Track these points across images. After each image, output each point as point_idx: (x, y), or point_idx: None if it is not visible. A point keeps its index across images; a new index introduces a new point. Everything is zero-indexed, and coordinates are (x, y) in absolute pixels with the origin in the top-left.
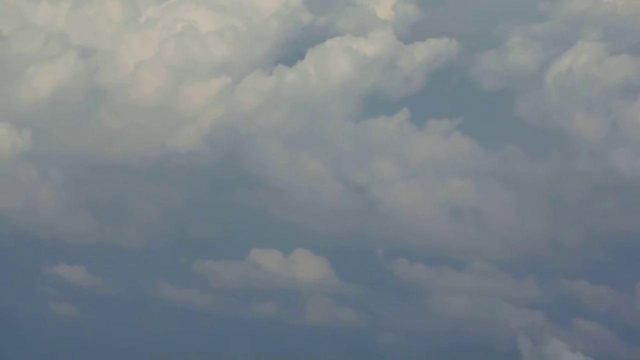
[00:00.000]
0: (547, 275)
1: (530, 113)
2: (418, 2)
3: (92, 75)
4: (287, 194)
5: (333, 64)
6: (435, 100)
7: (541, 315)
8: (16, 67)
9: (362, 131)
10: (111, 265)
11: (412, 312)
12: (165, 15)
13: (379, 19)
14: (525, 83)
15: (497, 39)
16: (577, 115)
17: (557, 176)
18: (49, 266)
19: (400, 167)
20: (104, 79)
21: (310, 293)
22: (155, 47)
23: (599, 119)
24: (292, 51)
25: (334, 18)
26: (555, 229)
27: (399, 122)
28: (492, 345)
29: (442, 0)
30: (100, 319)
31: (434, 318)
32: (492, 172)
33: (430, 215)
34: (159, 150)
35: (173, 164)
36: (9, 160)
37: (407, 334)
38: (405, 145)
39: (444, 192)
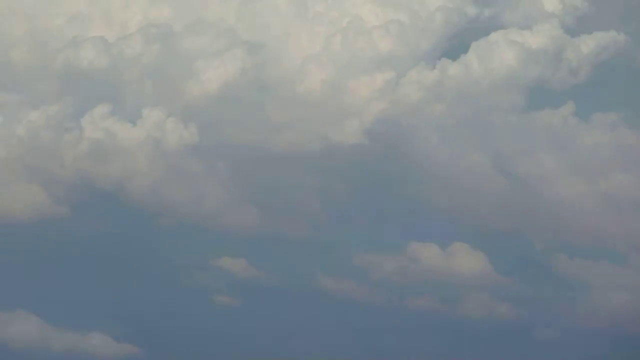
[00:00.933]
0: None
1: None
2: None
3: (260, 69)
4: (448, 188)
5: (497, 57)
6: (601, 93)
7: None
8: (185, 62)
9: (525, 124)
10: (273, 257)
11: (571, 308)
12: (332, 10)
13: (545, 11)
14: None
15: None
16: None
17: None
18: (214, 259)
19: (563, 161)
20: (271, 74)
21: (467, 287)
22: (321, 42)
23: None
24: (456, 44)
25: (499, 11)
26: None
27: (563, 115)
28: None
29: None
30: (261, 310)
31: (594, 314)
32: None
33: (592, 209)
34: (322, 142)
35: (335, 157)
36: (176, 153)
37: (566, 330)
38: (569, 138)
39: (607, 187)
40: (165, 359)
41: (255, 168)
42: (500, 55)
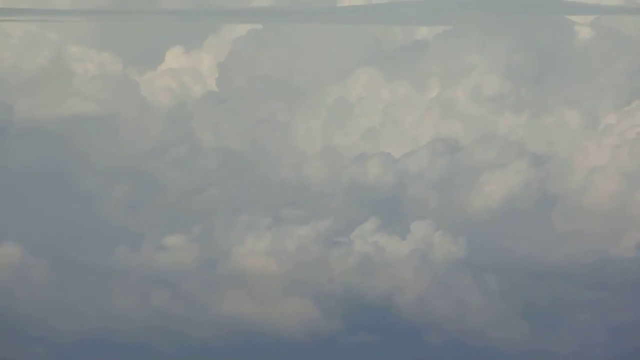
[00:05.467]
0: None
1: None
2: None
3: (544, 181)
4: None
5: None
6: None
7: None
8: (470, 176)
9: None
10: None
11: None
12: (622, 122)
13: None
14: None
15: None
16: None
17: None
18: None
19: None
20: (557, 185)
21: None
22: (608, 154)
23: None
24: None
25: None
26: None
27: None
28: None
29: None
30: None
31: None
32: None
33: None
34: (598, 255)
35: (610, 271)
36: (442, 266)
37: None
38: None
39: None
40: None
41: (530, 282)
42: None
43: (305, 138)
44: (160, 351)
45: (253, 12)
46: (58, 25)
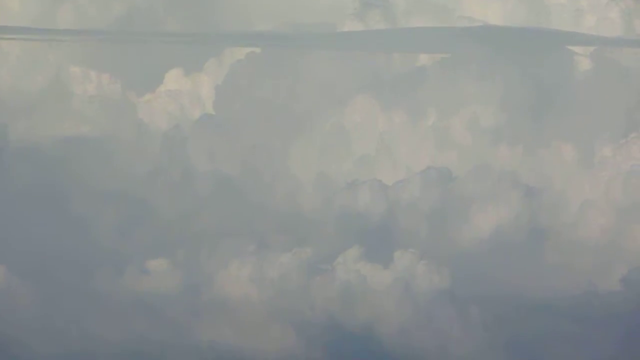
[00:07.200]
0: None
1: None
2: None
3: (536, 214)
4: None
5: None
6: None
7: None
8: (462, 206)
9: None
10: None
11: None
12: (618, 154)
13: None
14: None
15: None
16: None
17: None
18: None
19: None
20: (548, 218)
21: None
22: (602, 187)
23: None
24: None
25: None
26: None
27: None
28: None
29: None
30: None
31: None
32: None
33: None
34: (585, 289)
35: (596, 304)
36: (424, 297)
37: None
38: None
39: None
40: None
41: (513, 314)
42: None
43: (300, 164)
44: None
45: (254, 36)
46: (58, 45)
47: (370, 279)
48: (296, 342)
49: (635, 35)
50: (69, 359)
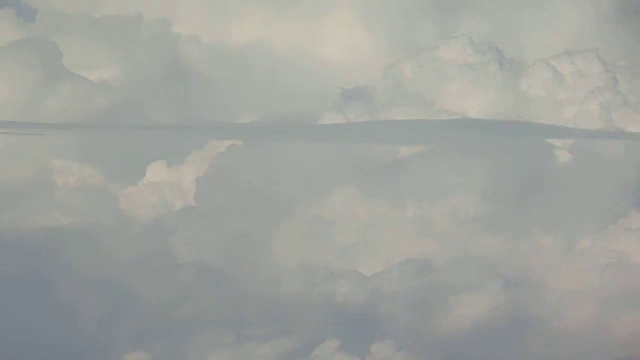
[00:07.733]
0: None
1: None
2: None
3: (517, 304)
4: None
5: None
6: None
7: None
8: (442, 297)
9: None
10: None
11: None
12: (597, 246)
13: None
14: None
15: None
16: None
17: None
18: None
19: None
20: (528, 309)
21: None
22: (582, 278)
23: None
24: None
25: None
26: None
27: None
28: None
29: None
30: None
31: None
32: None
33: None
34: None
35: None
36: None
37: None
38: None
39: None
40: None
41: None
42: None
43: (281, 255)
44: None
45: (236, 128)
46: (41, 139)
47: None
48: None
49: (614, 128)
50: None
